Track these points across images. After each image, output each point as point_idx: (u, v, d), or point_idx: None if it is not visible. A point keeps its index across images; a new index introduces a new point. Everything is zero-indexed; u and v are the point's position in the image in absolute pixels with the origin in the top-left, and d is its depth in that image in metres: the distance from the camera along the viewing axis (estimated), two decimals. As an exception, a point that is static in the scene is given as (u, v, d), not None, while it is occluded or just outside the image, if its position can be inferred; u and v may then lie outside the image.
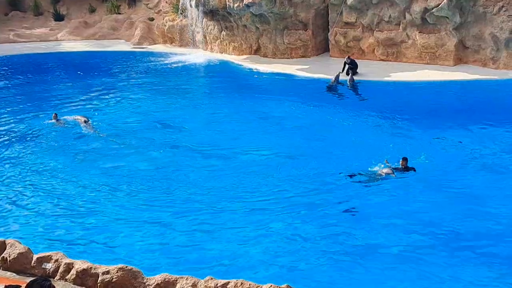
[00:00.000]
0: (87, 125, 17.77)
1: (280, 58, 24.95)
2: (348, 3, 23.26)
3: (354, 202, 12.23)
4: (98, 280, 7.61)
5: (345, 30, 23.88)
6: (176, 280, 7.43)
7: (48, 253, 8.21)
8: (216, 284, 7.22)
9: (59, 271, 7.92)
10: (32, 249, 8.36)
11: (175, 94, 21.50)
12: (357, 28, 23.68)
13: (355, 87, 20.62)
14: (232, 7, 24.36)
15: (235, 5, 24.22)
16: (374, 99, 19.51)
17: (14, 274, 7.97)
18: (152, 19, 31.27)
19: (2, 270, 8.14)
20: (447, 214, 11.51)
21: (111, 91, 22.05)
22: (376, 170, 13.30)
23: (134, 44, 29.78)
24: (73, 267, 7.87)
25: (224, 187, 13.15)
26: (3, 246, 8.35)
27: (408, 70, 21.67)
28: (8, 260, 8.13)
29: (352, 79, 20.97)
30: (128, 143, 16.44)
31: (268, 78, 22.91)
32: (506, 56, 20.72)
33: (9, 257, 8.13)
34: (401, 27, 22.62)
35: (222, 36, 26.54)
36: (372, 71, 22.00)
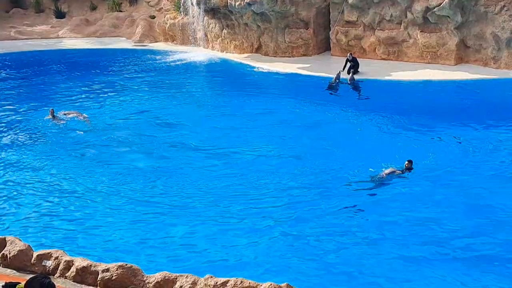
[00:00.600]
0: (85, 119, 17.86)
1: (281, 57, 24.91)
2: (350, 2, 23.23)
3: (354, 202, 12.23)
4: (98, 278, 7.62)
5: (346, 29, 23.85)
6: (176, 278, 7.43)
7: (48, 250, 8.22)
8: (216, 283, 7.21)
9: (59, 268, 7.92)
10: (32, 246, 8.37)
11: (176, 92, 21.48)
12: (358, 27, 23.65)
13: (355, 86, 20.60)
14: (233, 5, 24.34)
15: (237, 3, 24.20)
16: (375, 98, 19.51)
17: (14, 271, 7.98)
18: (153, 17, 31.23)
19: (2, 267, 8.14)
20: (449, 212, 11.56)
21: (112, 89, 22.02)
22: (380, 172, 13.23)
23: (135, 42, 29.74)
24: (73, 264, 7.87)
25: (224, 186, 13.15)
26: (3, 243, 8.36)
27: (409, 69, 21.64)
28: (8, 257, 8.13)
29: (353, 78, 20.94)
30: (128, 140, 16.44)
31: (269, 77, 22.88)
32: (507, 56, 20.70)
33: (9, 254, 8.14)
34: (402, 26, 22.59)
35: (223, 34, 26.52)
36: (373, 70, 21.98)
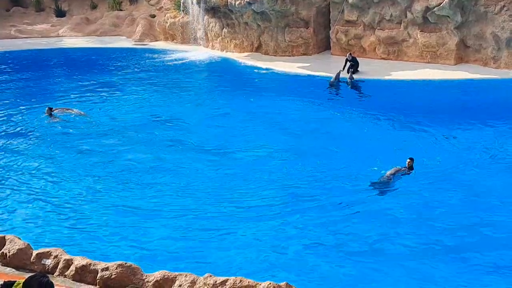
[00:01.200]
0: (81, 114, 17.99)
1: (281, 56, 24.90)
2: (350, 1, 23.22)
3: (355, 202, 12.22)
4: (97, 277, 7.63)
5: (346, 28, 23.85)
6: (175, 277, 7.44)
7: (47, 249, 8.24)
8: (215, 281, 7.23)
9: (58, 267, 7.94)
10: (31, 244, 8.38)
11: (176, 91, 21.48)
12: (358, 26, 23.65)
13: (355, 86, 20.61)
14: (233, 4, 24.33)
15: (237, 2, 24.19)
16: (375, 97, 19.51)
17: (14, 270, 7.99)
18: (153, 16, 31.23)
19: (2, 265, 8.16)
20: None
21: (112, 88, 22.03)
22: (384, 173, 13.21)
23: (136, 41, 29.74)
24: (72, 263, 7.89)
25: (225, 185, 13.15)
26: (2, 241, 8.37)
27: (409, 69, 21.63)
28: (8, 256, 8.15)
29: (352, 77, 20.94)
30: (127, 138, 16.44)
31: (269, 76, 22.87)
32: (507, 56, 20.69)
33: (8, 252, 8.16)
34: (402, 26, 22.58)
35: (224, 33, 26.51)
36: (373, 70, 21.97)
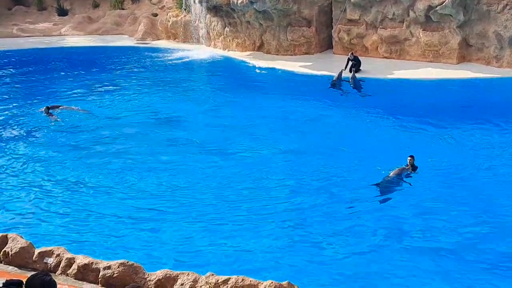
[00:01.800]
0: (79, 110, 18.11)
1: (283, 55, 24.88)
2: (352, 0, 23.20)
3: (357, 202, 12.20)
4: (99, 275, 7.64)
5: (348, 27, 23.82)
6: (177, 276, 7.44)
7: (50, 247, 8.24)
8: (217, 280, 7.23)
9: (61, 265, 7.95)
10: (33, 243, 8.39)
11: (178, 90, 21.49)
12: (360, 25, 23.61)
13: (357, 85, 20.58)
14: (235, 3, 24.32)
15: (239, 1, 24.17)
16: (377, 96, 19.49)
17: (16, 269, 8.00)
18: (155, 15, 31.23)
19: (4, 264, 8.16)
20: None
21: (114, 86, 22.05)
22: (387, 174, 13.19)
23: (138, 40, 29.74)
24: (74, 262, 7.89)
25: (226, 184, 13.15)
26: (5, 240, 8.38)
27: (411, 68, 21.61)
28: (10, 255, 8.15)
29: (354, 77, 20.92)
30: (129, 136, 16.45)
31: (271, 75, 22.87)
32: (510, 55, 20.65)
33: (11, 251, 8.16)
34: (404, 25, 22.55)
35: (226, 32, 26.51)
36: (375, 69, 21.95)
